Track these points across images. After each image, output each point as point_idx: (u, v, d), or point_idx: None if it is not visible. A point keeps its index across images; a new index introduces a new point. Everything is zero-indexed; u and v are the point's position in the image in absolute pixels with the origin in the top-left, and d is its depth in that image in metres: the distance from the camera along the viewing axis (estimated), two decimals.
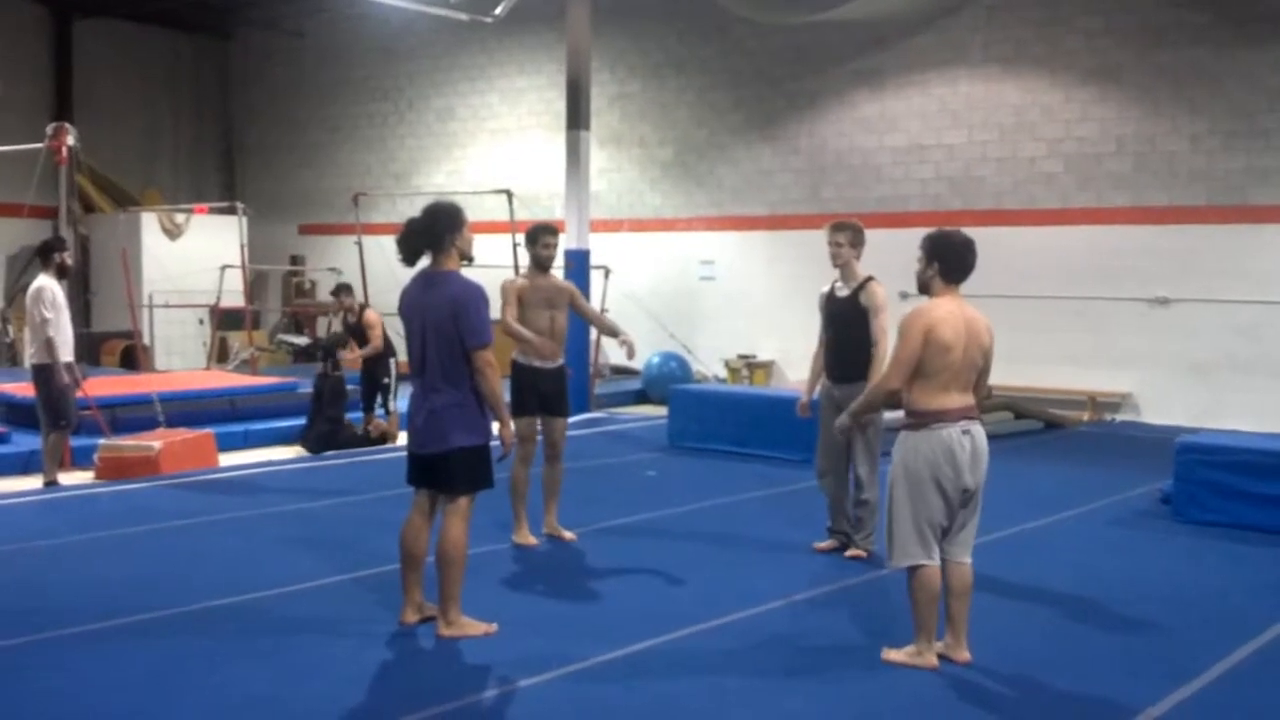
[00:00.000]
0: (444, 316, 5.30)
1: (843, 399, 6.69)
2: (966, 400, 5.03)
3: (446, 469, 5.39)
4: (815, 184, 16.51)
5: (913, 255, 5.22)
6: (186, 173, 22.92)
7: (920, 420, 4.97)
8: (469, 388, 5.38)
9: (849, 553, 7.05)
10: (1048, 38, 14.69)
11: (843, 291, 7.11)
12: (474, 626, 5.45)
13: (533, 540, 7.37)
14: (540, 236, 7.55)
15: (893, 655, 5.16)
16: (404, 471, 5.62)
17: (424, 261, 5.48)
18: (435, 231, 5.42)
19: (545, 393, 7.44)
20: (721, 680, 4.95)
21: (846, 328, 7.00)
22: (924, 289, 5.15)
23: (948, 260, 5.07)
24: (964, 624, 5.12)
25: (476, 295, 5.38)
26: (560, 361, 7.57)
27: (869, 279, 7.05)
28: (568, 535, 7.53)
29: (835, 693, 4.85)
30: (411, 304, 5.45)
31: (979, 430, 5.04)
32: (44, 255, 9.32)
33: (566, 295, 7.57)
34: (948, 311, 4.98)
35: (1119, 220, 14.25)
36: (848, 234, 7.12)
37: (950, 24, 15.33)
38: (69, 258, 9.37)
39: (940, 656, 5.10)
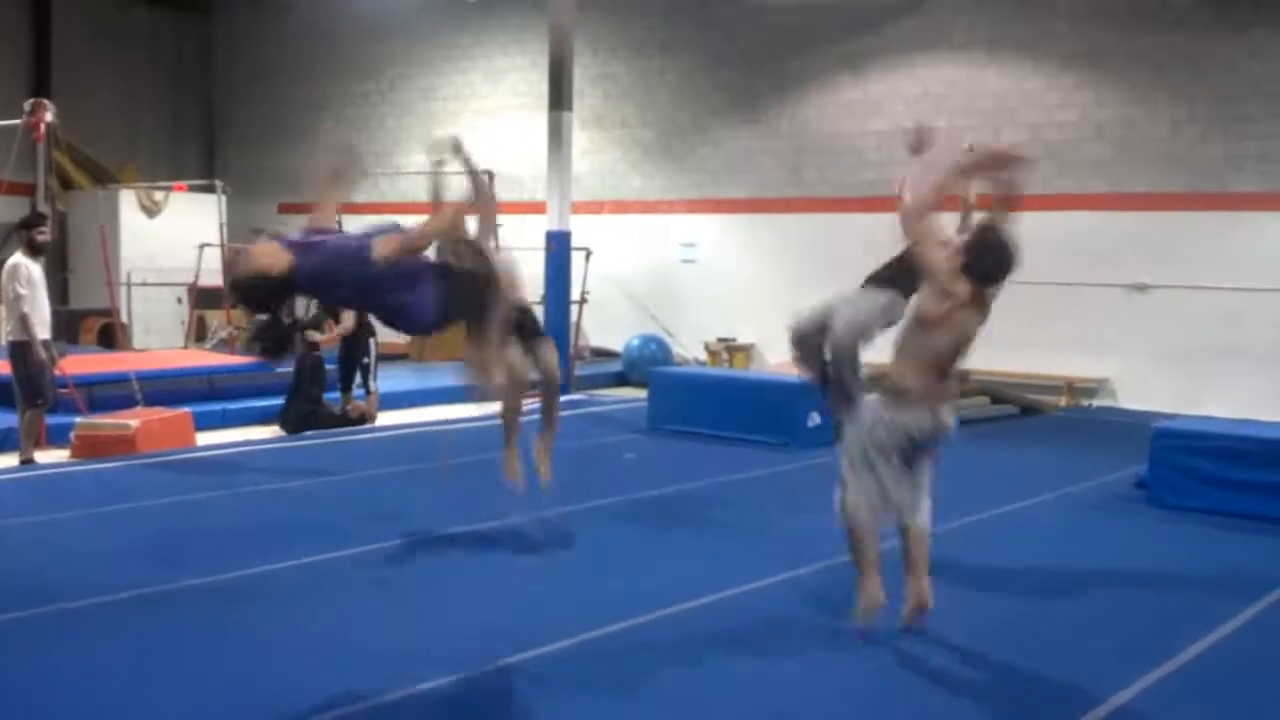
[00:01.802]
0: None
1: None
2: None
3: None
4: (797, 167, 16.51)
5: (893, 239, 5.24)
6: (165, 150, 22.76)
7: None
8: None
9: None
10: (1030, 22, 14.70)
11: None
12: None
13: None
14: None
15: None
16: (381, 451, 5.58)
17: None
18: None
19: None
20: (701, 659, 4.97)
21: None
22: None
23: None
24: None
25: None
26: None
27: None
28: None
29: (815, 673, 4.87)
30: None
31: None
32: (22, 231, 9.29)
33: None
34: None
35: (1099, 206, 14.29)
36: None
37: (933, 7, 15.33)
38: (42, 235, 9.30)
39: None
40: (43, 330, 9.08)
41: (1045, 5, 14.60)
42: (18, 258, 9.12)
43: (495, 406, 6.79)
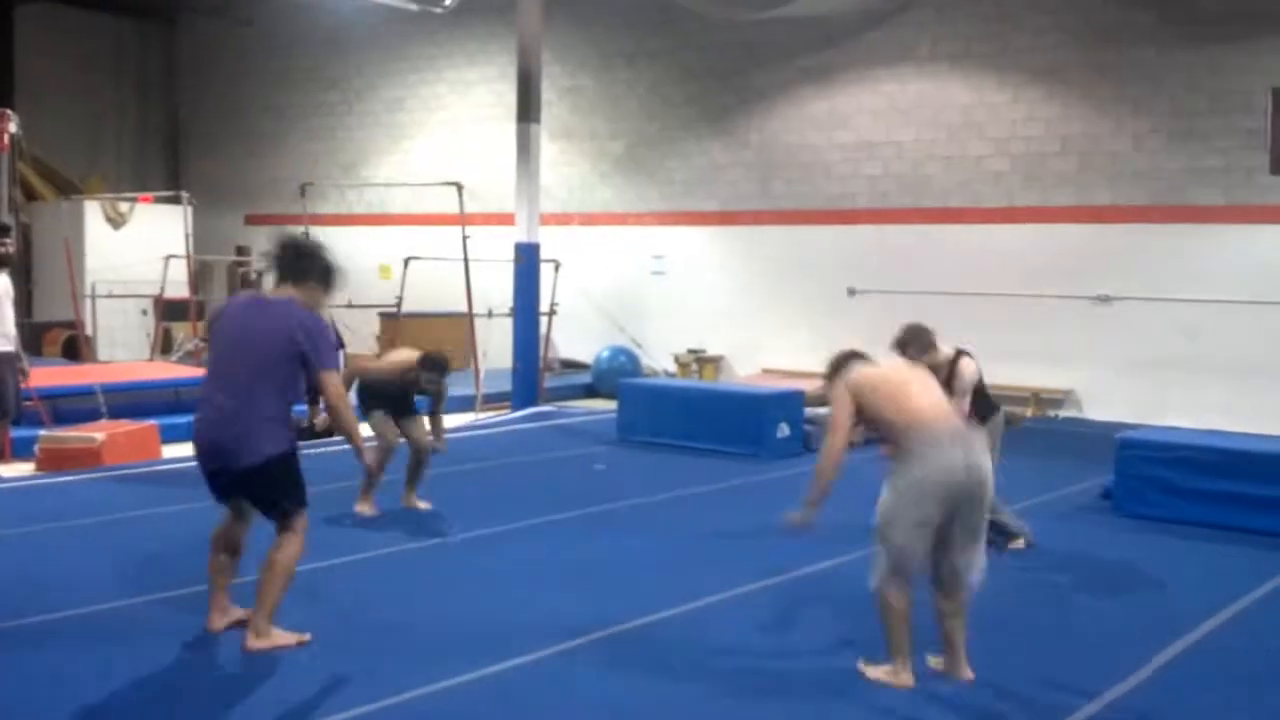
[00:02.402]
0: (285, 338, 5.03)
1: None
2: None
3: (260, 482, 5.08)
4: (765, 180, 16.58)
5: (860, 252, 5.25)
6: (130, 161, 22.62)
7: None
8: (284, 413, 5.14)
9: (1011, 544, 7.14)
10: (994, 36, 14.84)
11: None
12: (284, 637, 5.15)
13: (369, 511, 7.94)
14: None
15: (870, 672, 4.92)
16: (347, 463, 5.55)
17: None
18: (313, 270, 5.31)
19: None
20: (659, 681, 4.96)
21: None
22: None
23: None
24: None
25: (319, 322, 5.23)
26: None
27: (959, 354, 6.98)
28: (423, 505, 8.25)
29: (792, 687, 4.89)
30: (237, 318, 5.22)
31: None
32: None
33: None
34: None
35: (1063, 219, 14.43)
36: (912, 349, 6.60)
37: (899, 22, 15.44)
38: (3, 246, 9.22)
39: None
40: (5, 343, 9.00)
41: (1008, 20, 14.73)
42: None
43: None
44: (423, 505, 8.30)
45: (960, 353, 6.98)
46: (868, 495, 4.98)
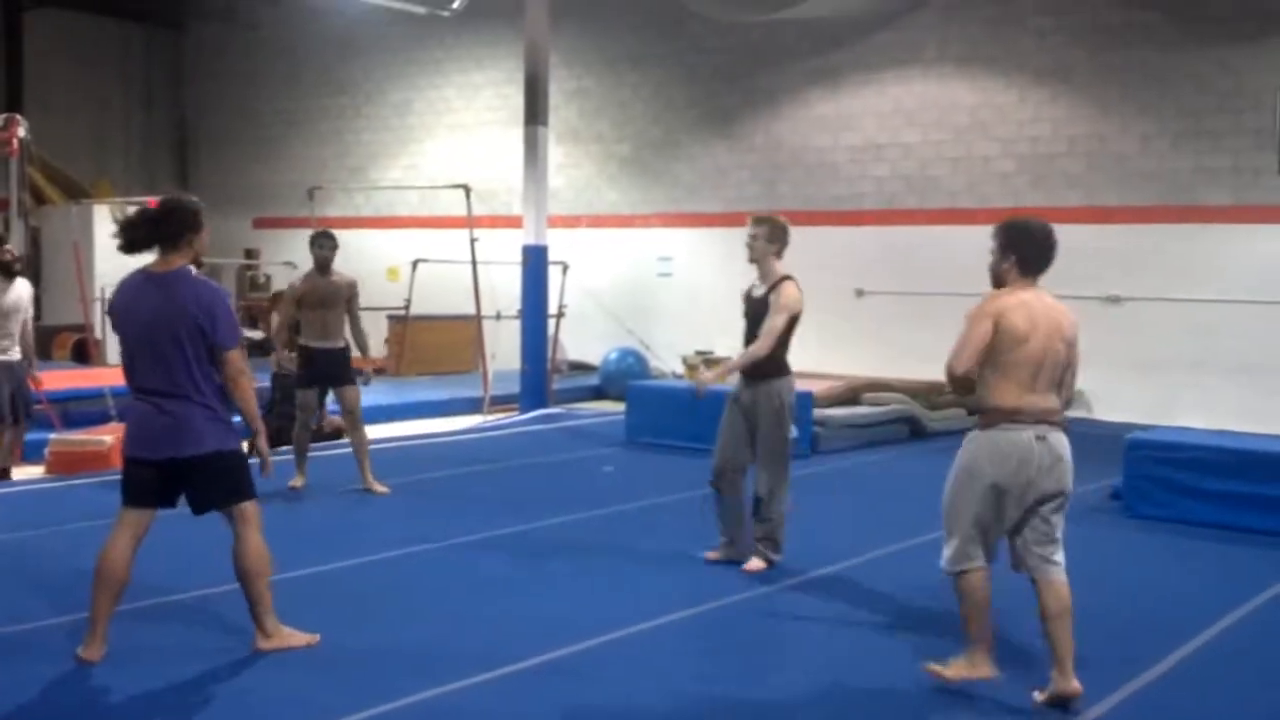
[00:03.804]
0: (186, 316, 4.84)
1: (749, 400, 6.63)
2: (1047, 402, 4.62)
3: (208, 474, 4.92)
4: (771, 182, 16.58)
5: (868, 253, 5.23)
6: (139, 165, 22.67)
7: (990, 419, 4.62)
8: (213, 393, 4.93)
9: (747, 566, 6.61)
10: (1001, 38, 14.83)
11: (759, 290, 6.74)
12: (296, 637, 5.13)
13: (299, 485, 8.64)
14: (315, 239, 8.84)
15: (947, 672, 4.76)
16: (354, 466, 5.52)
17: (146, 258, 5.13)
18: (174, 226, 5.08)
19: (324, 371, 8.76)
20: (665, 683, 4.96)
21: (758, 328, 6.64)
22: (998, 282, 4.79)
23: (1026, 252, 4.78)
24: (1068, 648, 4.61)
25: (224, 295, 5.10)
26: (338, 344, 8.74)
27: (785, 278, 6.66)
28: (381, 489, 8.64)
29: (799, 685, 4.89)
30: (135, 303, 5.00)
31: (1058, 437, 4.64)
32: None
33: (344, 295, 8.73)
34: (1020, 300, 4.65)
35: (1071, 220, 14.33)
36: (765, 228, 6.75)
37: (906, 24, 15.44)
38: (7, 254, 9.22)
39: (1054, 697, 4.61)
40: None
41: (1015, 22, 14.72)
42: None
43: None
44: (381, 489, 8.68)
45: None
46: (893, 489, 4.96)
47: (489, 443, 11.89)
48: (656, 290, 17.34)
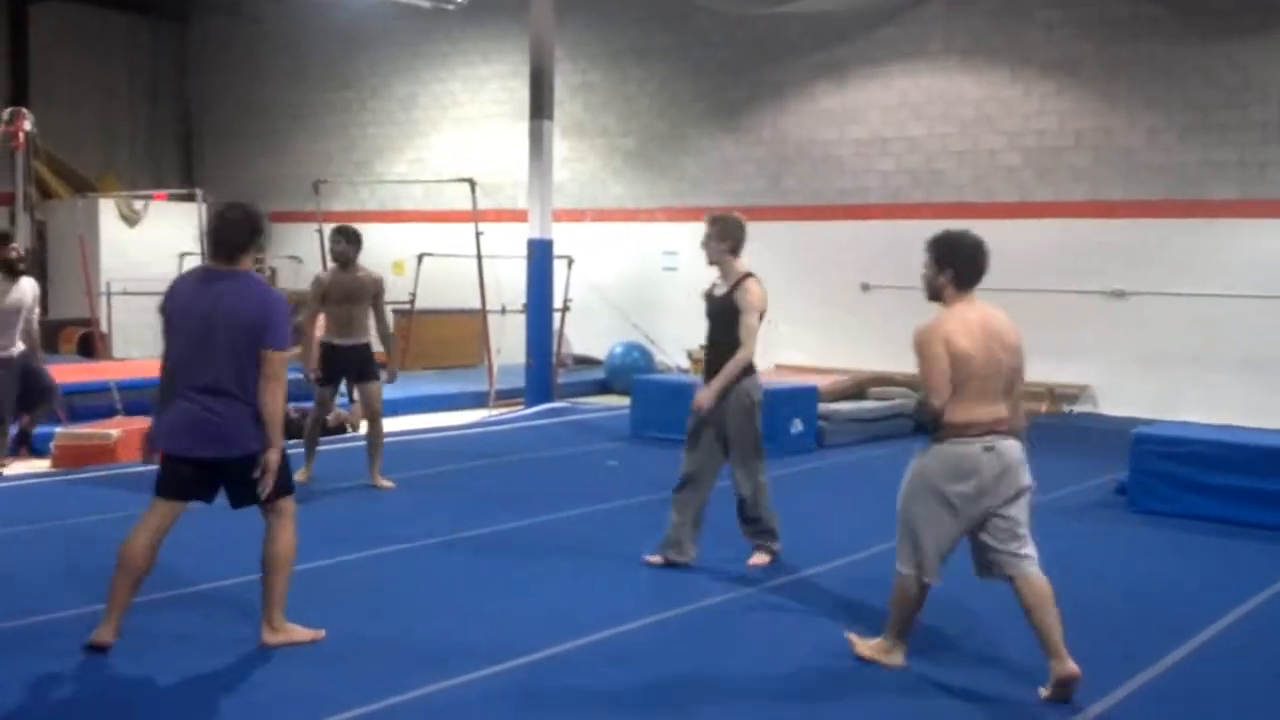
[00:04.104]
0: (242, 317, 4.91)
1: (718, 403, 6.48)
2: (995, 413, 4.70)
3: (250, 473, 4.94)
4: (777, 175, 16.56)
5: (873, 247, 5.22)
6: (144, 159, 22.68)
7: (940, 434, 4.71)
8: (253, 396, 4.94)
9: (752, 560, 6.60)
10: (1007, 31, 14.81)
11: (720, 290, 6.63)
12: (300, 632, 5.15)
13: (304, 478, 8.33)
14: (333, 234, 8.79)
15: (861, 648, 5.03)
16: (361, 460, 5.52)
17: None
18: (251, 233, 5.11)
19: (346, 367, 8.70)
20: (668, 679, 4.96)
21: (721, 327, 6.56)
22: (935, 296, 4.86)
23: (959, 265, 4.82)
24: (1057, 634, 4.66)
25: (283, 299, 5.19)
26: (362, 340, 8.68)
27: (746, 276, 6.56)
28: (386, 484, 8.66)
29: (796, 687, 4.89)
30: (191, 302, 5.01)
31: (1006, 444, 4.70)
32: None
33: (369, 290, 8.69)
34: (960, 320, 4.73)
35: (1077, 214, 14.39)
36: (716, 227, 6.64)
37: (912, 17, 15.41)
38: (15, 251, 9.25)
39: (1057, 687, 4.65)
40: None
41: (1021, 15, 14.69)
42: None
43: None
44: (386, 484, 8.70)
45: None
46: (898, 484, 4.96)
47: (494, 437, 11.90)
48: (662, 284, 17.32)
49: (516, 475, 9.77)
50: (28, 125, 11.60)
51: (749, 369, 6.53)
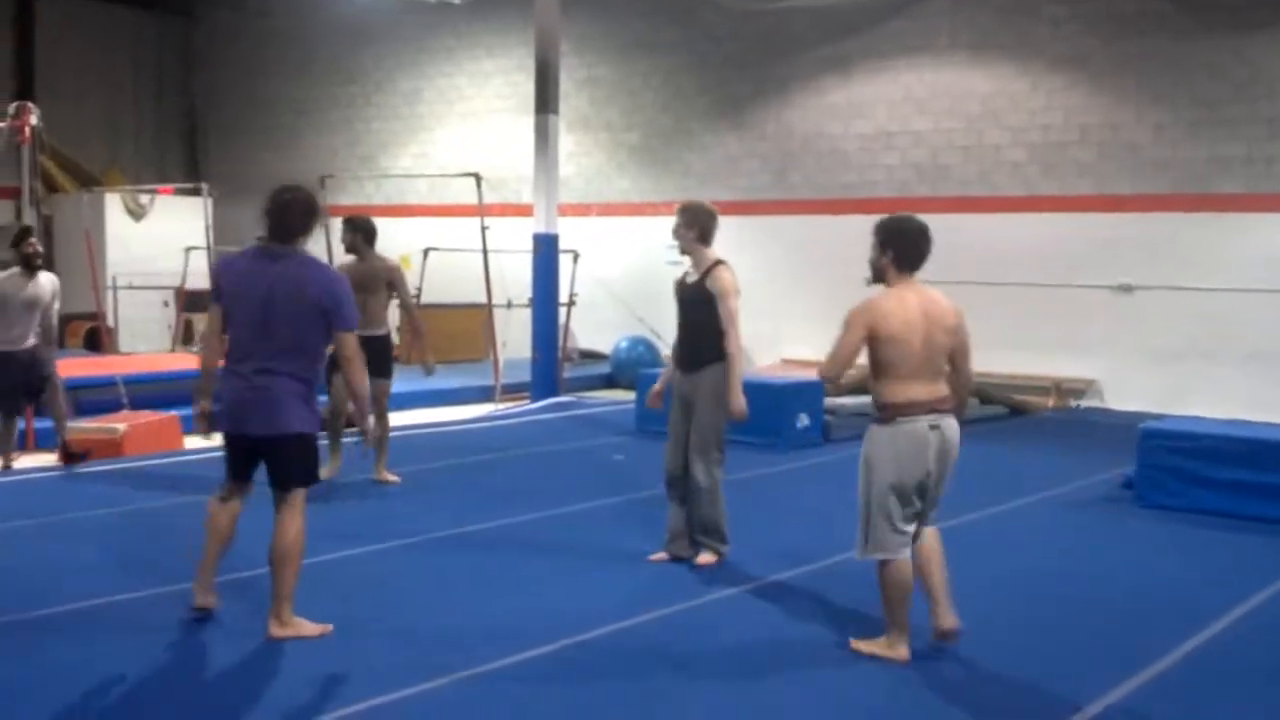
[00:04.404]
0: (305, 296, 5.02)
1: (688, 388, 6.48)
2: (936, 392, 4.90)
3: (283, 455, 5.12)
4: (782, 170, 16.54)
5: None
6: (150, 153, 22.68)
7: (887, 415, 4.88)
8: (309, 375, 5.12)
9: (699, 560, 6.50)
10: (1013, 25, 14.77)
11: (691, 277, 6.60)
12: (308, 627, 5.16)
13: (329, 474, 8.07)
14: (343, 224, 8.66)
15: (863, 646, 5.07)
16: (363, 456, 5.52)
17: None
18: (310, 213, 5.26)
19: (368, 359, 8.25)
20: (671, 676, 4.96)
21: (694, 315, 6.53)
22: (878, 278, 5.03)
23: (901, 248, 4.97)
24: (945, 588, 5.00)
25: (344, 279, 5.31)
26: (380, 331, 8.48)
27: (717, 263, 6.53)
28: (392, 479, 8.61)
29: (796, 683, 4.89)
30: (250, 280, 5.10)
31: (948, 423, 4.92)
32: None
33: (383, 278, 8.56)
34: (897, 302, 4.89)
35: (1083, 208, 14.35)
36: (685, 216, 6.63)
37: (918, 11, 15.38)
38: (32, 246, 9.21)
39: (938, 636, 5.00)
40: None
41: (1028, 10, 14.66)
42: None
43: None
44: (393, 478, 8.66)
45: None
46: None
47: (500, 431, 11.90)
48: (667, 279, 17.03)
49: (522, 470, 9.77)
50: (33, 120, 11.60)
51: (722, 354, 6.47)
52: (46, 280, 9.18)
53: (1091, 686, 4.73)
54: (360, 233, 8.57)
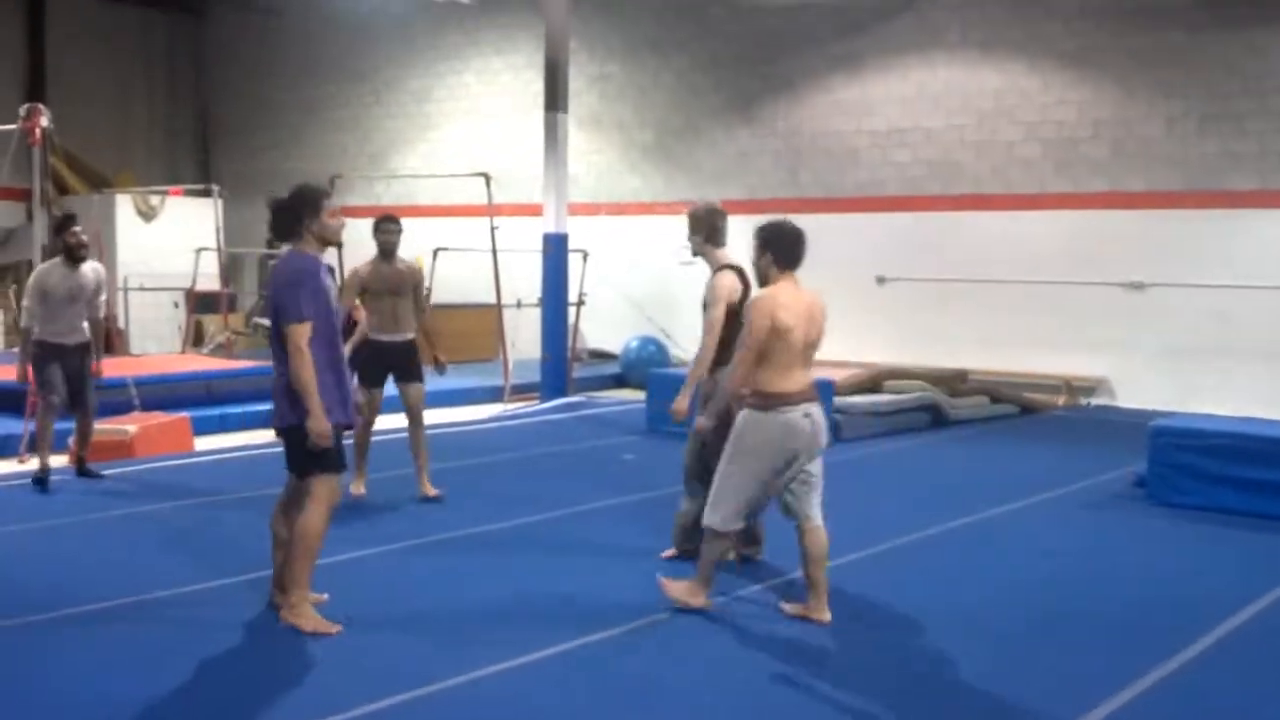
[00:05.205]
0: (272, 293, 5.39)
1: (710, 387, 6.38)
2: (809, 381, 5.35)
3: (286, 446, 5.39)
4: (793, 168, 16.51)
5: (889, 239, 5.23)
6: (160, 154, 22.74)
7: (767, 402, 5.23)
8: (285, 369, 5.29)
9: (665, 554, 6.55)
10: (1025, 21, 14.72)
11: (709, 279, 6.51)
12: (309, 622, 5.16)
13: (362, 491, 8.03)
14: (380, 224, 8.27)
15: (671, 587, 5.55)
16: (377, 454, 5.55)
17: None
18: (294, 213, 5.48)
19: (393, 364, 8.17)
20: (677, 672, 4.95)
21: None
22: (763, 280, 5.41)
23: (779, 250, 5.36)
24: (824, 586, 5.43)
25: (297, 272, 5.27)
26: (408, 335, 8.21)
27: (720, 269, 6.45)
28: (434, 493, 8.12)
29: (796, 675, 4.88)
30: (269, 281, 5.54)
31: (817, 409, 5.36)
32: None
33: (410, 281, 8.27)
34: (790, 296, 5.29)
35: (1095, 205, 14.30)
36: (691, 222, 6.57)
37: (928, 8, 15.34)
38: (75, 236, 8.98)
39: (801, 618, 5.43)
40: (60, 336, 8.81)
41: (1039, 5, 14.61)
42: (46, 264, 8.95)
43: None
44: (434, 492, 8.15)
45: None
46: (914, 478, 4.94)
47: (509, 431, 11.90)
48: (677, 278, 17.24)
49: (532, 470, 9.77)
50: (44, 121, 11.60)
51: (722, 360, 6.26)
52: (90, 270, 8.77)
53: (1109, 681, 4.72)
54: (401, 234, 8.30)
